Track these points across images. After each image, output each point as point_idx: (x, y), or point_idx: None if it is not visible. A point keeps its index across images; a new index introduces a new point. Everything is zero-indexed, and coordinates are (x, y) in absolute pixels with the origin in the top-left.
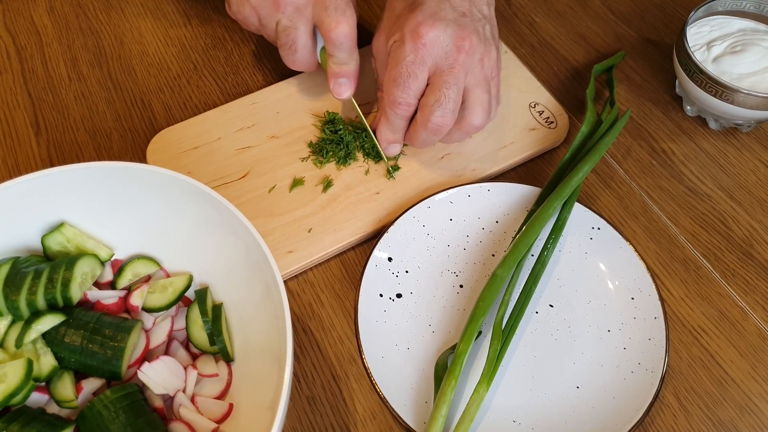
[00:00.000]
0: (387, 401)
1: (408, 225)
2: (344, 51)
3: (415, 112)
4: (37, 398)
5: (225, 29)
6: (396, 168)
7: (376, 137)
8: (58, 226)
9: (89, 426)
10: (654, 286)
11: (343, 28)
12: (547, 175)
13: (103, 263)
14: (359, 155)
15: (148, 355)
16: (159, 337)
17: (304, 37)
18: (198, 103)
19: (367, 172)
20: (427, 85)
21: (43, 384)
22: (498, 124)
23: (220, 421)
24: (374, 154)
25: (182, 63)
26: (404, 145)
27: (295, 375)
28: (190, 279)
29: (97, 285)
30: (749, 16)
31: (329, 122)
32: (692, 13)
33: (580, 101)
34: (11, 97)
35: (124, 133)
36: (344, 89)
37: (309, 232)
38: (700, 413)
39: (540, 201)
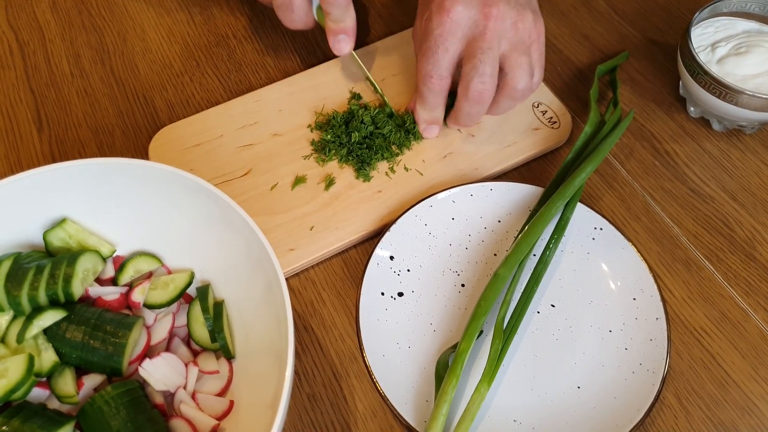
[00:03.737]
0: (388, 399)
1: (410, 224)
2: (339, 8)
3: (453, 92)
4: (38, 394)
5: (228, 27)
6: (408, 146)
7: (414, 119)
8: (60, 222)
9: (90, 422)
10: (656, 287)
11: None
12: (550, 175)
13: (104, 259)
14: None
15: (149, 352)
16: (160, 334)
17: None
18: (200, 100)
19: (367, 174)
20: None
21: (44, 379)
22: (501, 124)
23: (220, 418)
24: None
25: (185, 60)
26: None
27: (296, 372)
28: (192, 276)
29: (99, 281)
30: (754, 18)
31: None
32: (697, 14)
33: (584, 102)
34: (14, 93)
35: (126, 130)
36: (344, 45)
37: (311, 230)
38: (701, 414)
39: (542, 201)
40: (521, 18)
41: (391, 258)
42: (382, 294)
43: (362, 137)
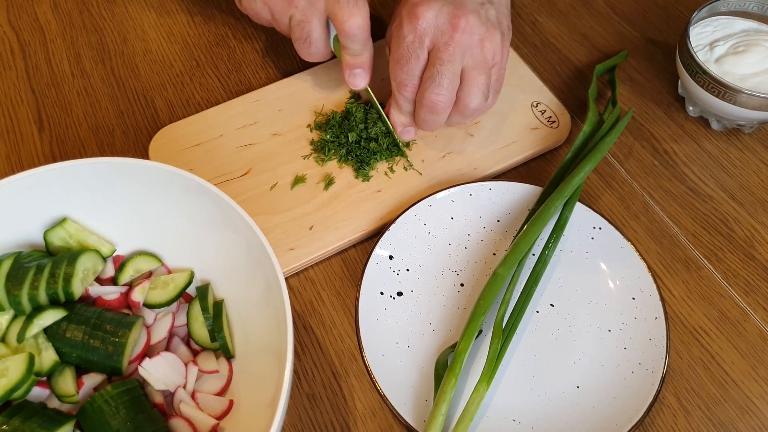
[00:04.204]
0: (387, 399)
1: (409, 223)
2: (358, 42)
3: None
4: (38, 393)
5: (228, 27)
6: (407, 145)
7: (390, 122)
8: (61, 222)
9: (90, 421)
10: (655, 287)
11: (357, 20)
12: (549, 175)
13: (104, 259)
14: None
15: (149, 351)
16: (160, 333)
17: (318, 30)
18: (200, 100)
19: (366, 173)
20: None
21: (45, 379)
22: (500, 124)
23: (220, 418)
24: (389, 143)
25: (185, 60)
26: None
27: (296, 372)
28: (192, 275)
29: (99, 281)
30: (752, 17)
31: (331, 120)
32: (695, 13)
33: (582, 101)
34: (15, 93)
35: (126, 130)
36: (359, 80)
37: (310, 229)
38: (701, 414)
39: (541, 200)
40: (489, 36)
41: (391, 257)
42: (382, 293)
43: (359, 137)
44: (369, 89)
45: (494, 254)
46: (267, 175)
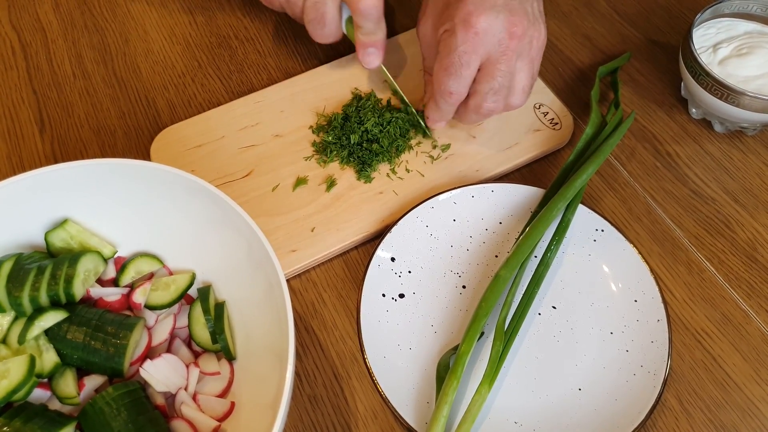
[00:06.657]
0: (388, 401)
1: (411, 225)
2: (372, 21)
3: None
4: (39, 395)
5: (230, 28)
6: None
7: (417, 113)
8: (62, 223)
9: (91, 423)
10: (657, 289)
11: None
12: (551, 177)
13: (106, 260)
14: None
15: (150, 353)
16: (161, 335)
17: (332, 11)
18: (202, 101)
19: (368, 175)
20: (479, 70)
21: (46, 380)
22: (502, 125)
23: (221, 419)
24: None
25: (187, 61)
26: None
27: (297, 374)
28: (193, 277)
29: (100, 282)
30: (756, 19)
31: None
32: (698, 15)
33: (585, 103)
34: (16, 93)
35: (128, 131)
36: (373, 59)
37: (312, 231)
38: (702, 416)
39: (544, 202)
40: (537, 35)
41: (392, 259)
42: (383, 295)
43: (361, 138)
44: (384, 68)
45: (496, 256)
46: (269, 177)
